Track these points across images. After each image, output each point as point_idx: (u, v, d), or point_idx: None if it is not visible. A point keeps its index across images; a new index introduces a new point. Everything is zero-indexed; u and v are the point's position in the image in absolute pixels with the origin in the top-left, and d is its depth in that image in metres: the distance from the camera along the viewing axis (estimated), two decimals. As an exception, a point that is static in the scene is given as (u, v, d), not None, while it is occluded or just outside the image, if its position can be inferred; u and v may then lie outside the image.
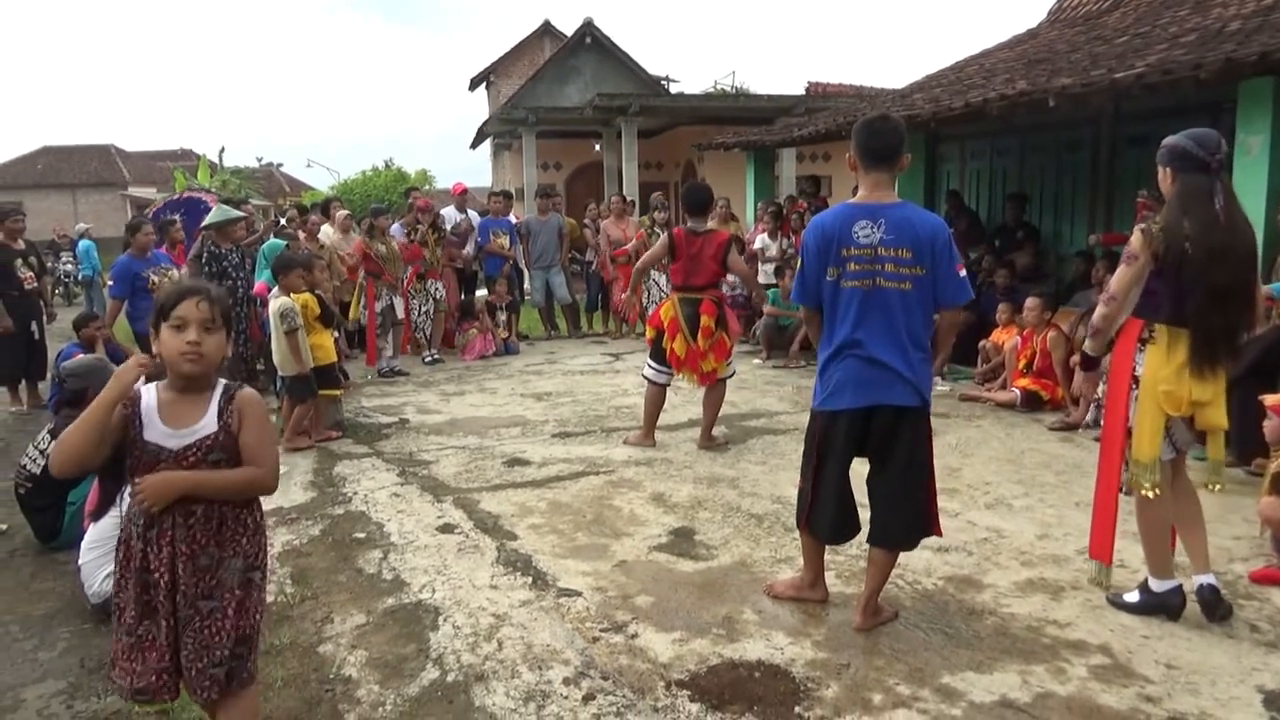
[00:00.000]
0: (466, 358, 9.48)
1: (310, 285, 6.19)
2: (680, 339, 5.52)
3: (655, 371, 5.73)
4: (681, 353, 5.54)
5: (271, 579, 3.80)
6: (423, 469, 5.43)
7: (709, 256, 5.49)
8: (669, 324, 5.57)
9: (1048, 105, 6.28)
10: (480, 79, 26.02)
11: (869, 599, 3.24)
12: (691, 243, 5.55)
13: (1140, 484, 3.21)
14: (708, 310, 5.49)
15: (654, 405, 5.77)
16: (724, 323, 5.59)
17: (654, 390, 5.76)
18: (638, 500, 4.72)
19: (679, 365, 5.61)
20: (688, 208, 5.71)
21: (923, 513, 3.17)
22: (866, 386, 3.11)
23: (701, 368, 5.57)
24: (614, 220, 10.92)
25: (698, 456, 5.54)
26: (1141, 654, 3.07)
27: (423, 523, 4.46)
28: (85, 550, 3.50)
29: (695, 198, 5.69)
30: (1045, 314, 6.58)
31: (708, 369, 5.58)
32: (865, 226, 3.06)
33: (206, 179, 17.89)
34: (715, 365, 5.57)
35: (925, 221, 3.05)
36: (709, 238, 5.54)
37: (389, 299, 8.59)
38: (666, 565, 3.85)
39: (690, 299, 5.53)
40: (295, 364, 5.88)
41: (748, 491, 4.82)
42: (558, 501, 4.73)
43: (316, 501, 4.86)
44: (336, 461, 5.66)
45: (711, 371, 5.60)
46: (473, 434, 6.29)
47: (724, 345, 5.57)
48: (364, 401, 7.46)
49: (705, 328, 5.47)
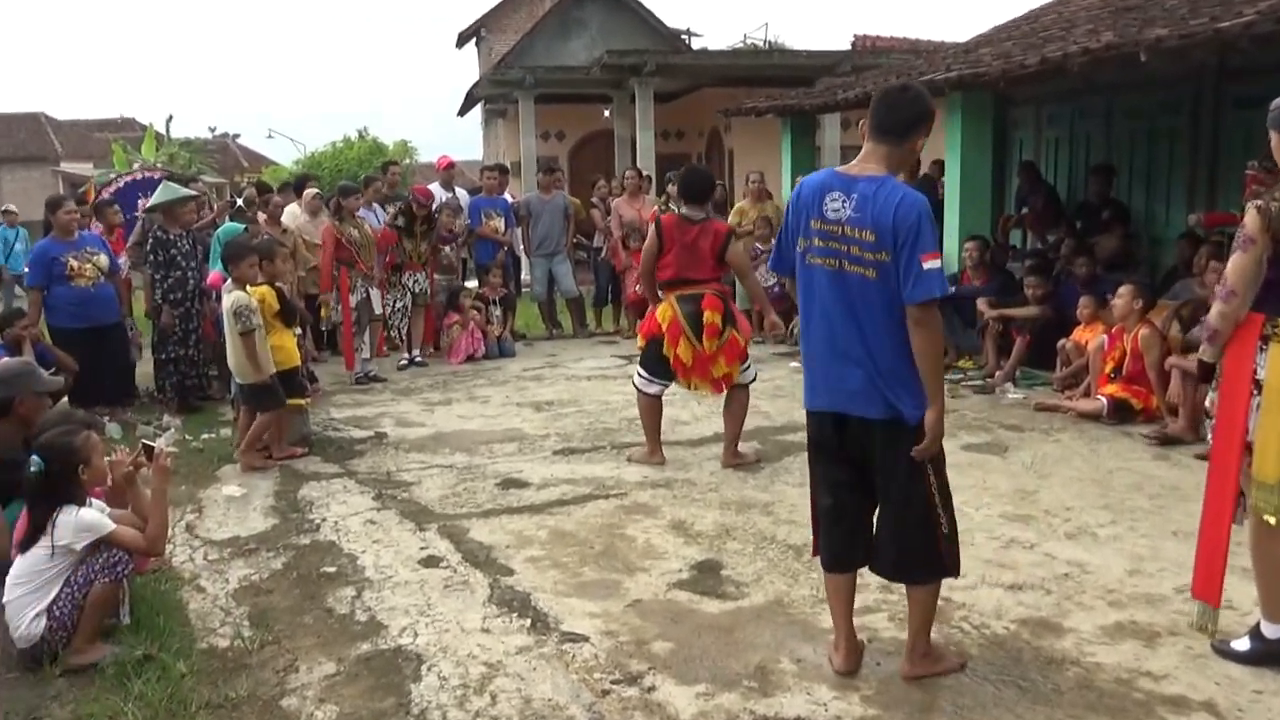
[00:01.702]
0: (452, 360, 9.51)
1: (269, 277, 6.23)
2: (684, 343, 5.51)
3: (645, 380, 5.75)
4: (687, 359, 5.53)
5: (227, 620, 3.83)
6: (402, 491, 5.45)
7: (705, 248, 5.51)
8: (668, 328, 5.56)
9: (1139, 61, 6.24)
10: (469, 34, 26.14)
11: (913, 641, 3.22)
12: (684, 231, 5.55)
13: (1263, 510, 3.15)
14: (711, 306, 5.48)
15: (651, 417, 5.80)
16: (731, 319, 5.57)
17: (646, 401, 5.79)
18: (654, 529, 4.72)
19: (686, 374, 5.61)
20: (685, 193, 5.74)
21: (927, 551, 3.11)
22: (831, 388, 3.14)
23: (712, 373, 5.57)
24: (627, 199, 10.94)
25: (725, 477, 5.53)
26: (1253, 712, 3.04)
27: (402, 555, 4.47)
28: (10, 586, 3.53)
29: (694, 183, 5.71)
30: (1137, 308, 6.53)
31: (720, 374, 5.57)
32: (837, 200, 3.02)
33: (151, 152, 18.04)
34: (729, 369, 5.56)
35: (891, 199, 2.93)
36: (705, 227, 5.55)
37: (364, 291, 8.62)
38: (688, 605, 3.85)
39: (689, 295, 5.53)
40: (253, 369, 5.91)
41: (784, 518, 4.80)
42: (560, 530, 4.73)
43: (278, 530, 4.89)
44: (302, 483, 5.69)
45: (725, 377, 5.60)
46: (461, 450, 6.30)
47: (735, 345, 5.56)
48: (334, 412, 7.49)
49: (710, 326, 5.47)
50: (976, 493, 5.11)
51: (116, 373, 7.50)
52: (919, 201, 2.94)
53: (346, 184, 9.41)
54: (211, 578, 4.29)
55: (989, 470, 5.52)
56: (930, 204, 3.02)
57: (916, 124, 3.05)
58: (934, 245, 2.89)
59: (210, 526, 4.98)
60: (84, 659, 3.46)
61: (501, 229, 10.49)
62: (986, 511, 4.82)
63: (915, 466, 3.04)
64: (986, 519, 4.71)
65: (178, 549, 4.63)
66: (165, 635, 3.64)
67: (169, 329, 7.47)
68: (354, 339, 8.59)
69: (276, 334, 6.18)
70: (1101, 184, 9.00)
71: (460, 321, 9.66)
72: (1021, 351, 7.72)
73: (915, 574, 3.17)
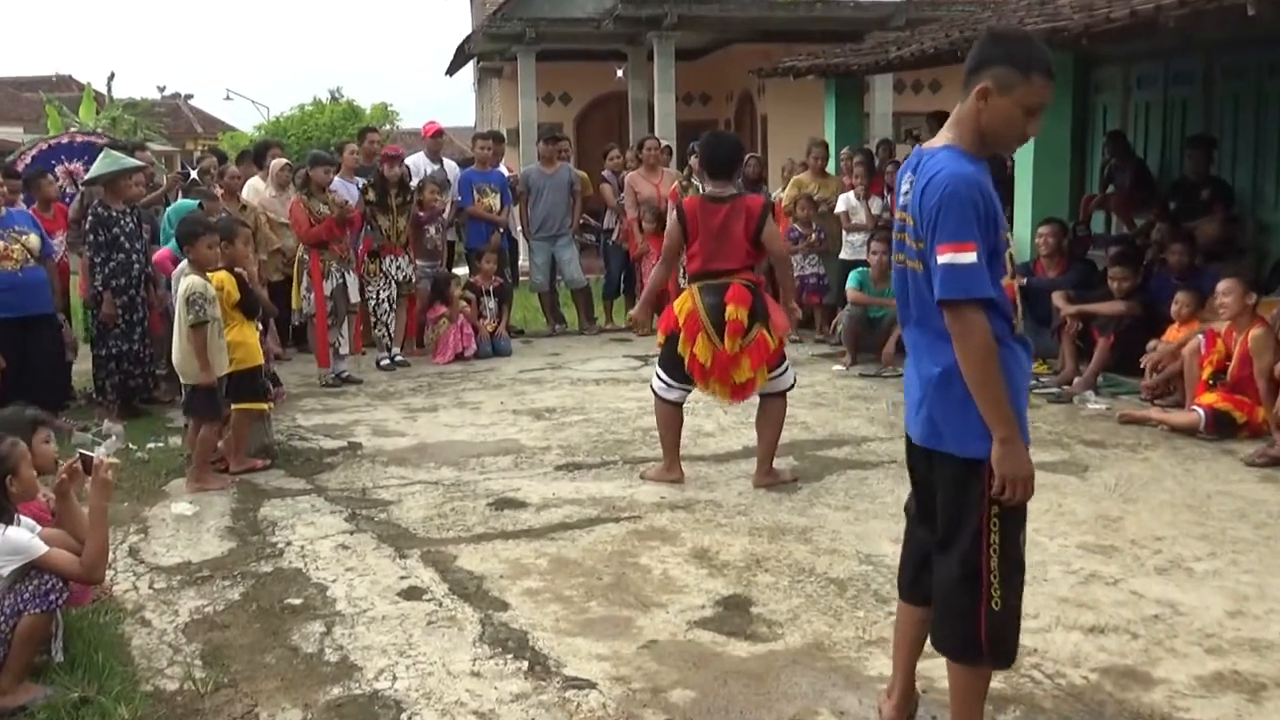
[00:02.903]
0: (439, 360, 9.54)
1: (229, 261, 6.26)
2: (702, 340, 5.48)
3: (664, 384, 5.73)
4: (705, 359, 5.49)
5: (176, 659, 3.85)
6: (380, 512, 5.47)
7: (738, 232, 5.46)
8: (685, 321, 5.53)
9: (1245, 14, 6.21)
10: (460, -20, 26.20)
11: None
12: (711, 214, 5.51)
13: None
14: (737, 298, 5.44)
15: (670, 428, 5.79)
16: (762, 315, 5.52)
17: (665, 410, 5.77)
18: (673, 558, 4.72)
19: (703, 376, 5.57)
20: (708, 165, 5.69)
21: (965, 625, 2.90)
22: (906, 399, 3.11)
23: (733, 378, 5.51)
24: (644, 172, 10.96)
25: (756, 498, 5.53)
26: (1377, 780, 3.02)
27: (380, 585, 4.48)
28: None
29: (718, 152, 5.67)
30: (1245, 303, 6.48)
31: (742, 379, 5.51)
32: (907, 181, 2.96)
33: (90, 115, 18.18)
34: (753, 374, 5.52)
35: (928, 172, 2.84)
36: (736, 206, 5.50)
37: (340, 277, 8.64)
38: (712, 647, 3.85)
39: (713, 286, 5.50)
40: (199, 369, 5.91)
41: (824, 547, 4.80)
42: (563, 558, 4.74)
43: (236, 555, 4.91)
44: (263, 500, 5.71)
45: (748, 383, 5.54)
46: (448, 464, 6.32)
47: (764, 346, 5.49)
48: (301, 419, 7.53)
49: (734, 323, 5.41)
50: (1051, 519, 5.09)
51: (49, 371, 7.54)
52: (953, 177, 2.76)
53: (318, 153, 9.45)
54: (158, 609, 4.31)
55: (1066, 493, 5.50)
56: (997, 183, 2.93)
57: (986, 63, 2.82)
58: (958, 234, 2.72)
59: (157, 550, 5.01)
60: (11, 702, 3.48)
61: (496, 207, 10.52)
62: (1063, 541, 4.80)
63: (966, 515, 2.87)
64: (1063, 550, 4.70)
65: (119, 576, 4.65)
66: (104, 676, 3.65)
67: (110, 320, 7.52)
68: (328, 333, 8.62)
69: (236, 327, 6.20)
70: (1200, 158, 8.96)
71: (448, 315, 9.68)
72: (1104, 354, 7.69)
73: (946, 646, 3.00)
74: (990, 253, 2.78)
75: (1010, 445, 2.76)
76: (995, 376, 2.77)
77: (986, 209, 2.78)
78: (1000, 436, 2.76)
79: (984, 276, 2.75)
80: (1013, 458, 2.76)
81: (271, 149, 10.63)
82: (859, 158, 10.37)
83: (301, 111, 29.80)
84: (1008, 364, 2.81)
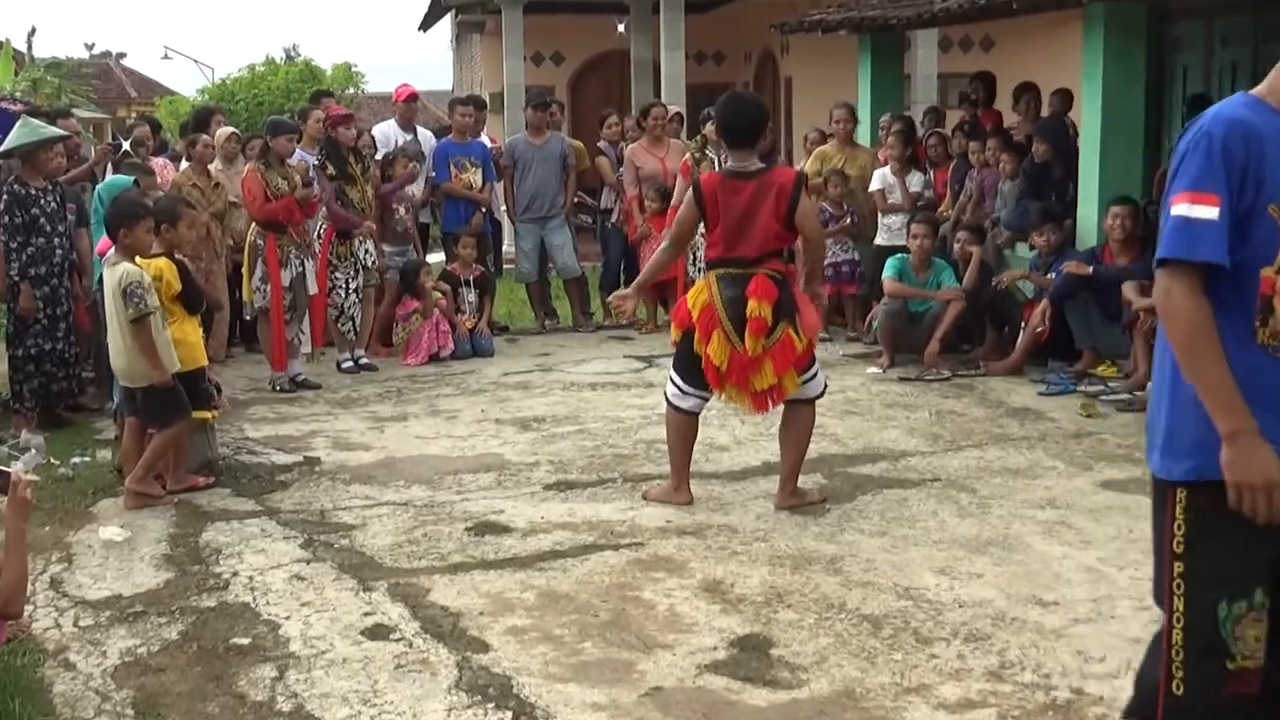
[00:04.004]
0: (410, 361, 9.56)
1: (168, 246, 6.26)
2: (718, 339, 5.46)
3: (679, 391, 5.73)
4: (720, 361, 5.47)
5: (104, 708, 3.85)
6: (341, 537, 5.47)
7: (765, 213, 5.45)
8: (700, 315, 5.52)
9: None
10: (436, -80, 26.23)
11: None
12: (734, 192, 5.50)
13: None
14: (760, 291, 5.41)
15: (681, 442, 5.78)
16: (789, 311, 5.49)
17: (679, 420, 5.77)
18: (680, 591, 4.72)
19: (718, 381, 5.56)
20: (726, 132, 5.70)
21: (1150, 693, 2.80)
22: None
23: (753, 385, 5.50)
24: (648, 144, 10.96)
25: (777, 522, 5.53)
26: None
27: (341, 623, 4.48)
28: None
29: (738, 117, 5.66)
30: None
31: (762, 386, 5.49)
32: None
33: (8, 77, 18.18)
34: (776, 379, 5.49)
35: None
36: (764, 182, 5.49)
37: (300, 265, 8.63)
38: (726, 695, 3.85)
39: (734, 275, 5.48)
40: (148, 368, 5.93)
41: (856, 579, 4.81)
42: (553, 591, 4.74)
43: (174, 587, 4.91)
44: (206, 524, 5.72)
45: (770, 390, 5.52)
46: (420, 483, 6.33)
47: (790, 349, 5.46)
48: (250, 430, 7.53)
49: (756, 320, 5.37)
50: (1121, 547, 5.10)
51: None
52: (1213, 117, 2.63)
53: (279, 119, 9.43)
54: (84, 650, 4.31)
55: (1137, 515, 5.49)
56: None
57: None
58: (1200, 182, 2.55)
59: (83, 581, 5.01)
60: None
61: (477, 184, 10.54)
62: (1134, 573, 4.80)
63: (1159, 558, 2.72)
64: (1134, 582, 4.69)
65: (40, 611, 4.65)
66: (22, 727, 3.66)
67: (29, 315, 7.52)
68: (286, 330, 8.60)
69: (176, 323, 6.21)
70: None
71: (421, 310, 9.69)
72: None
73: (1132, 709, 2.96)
74: (1243, 217, 2.57)
75: (1239, 442, 2.51)
76: (1208, 356, 2.55)
77: (1250, 163, 2.57)
78: (1225, 431, 2.53)
79: (1220, 239, 2.54)
80: (1245, 458, 2.50)
81: (215, 116, 10.63)
82: (897, 126, 10.35)
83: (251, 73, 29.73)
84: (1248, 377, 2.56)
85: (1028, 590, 4.61)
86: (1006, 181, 9.41)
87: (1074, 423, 7.21)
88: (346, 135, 9.25)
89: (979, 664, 3.97)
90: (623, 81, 17.95)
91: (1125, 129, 8.79)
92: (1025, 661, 4.01)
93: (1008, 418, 7.39)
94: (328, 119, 9.40)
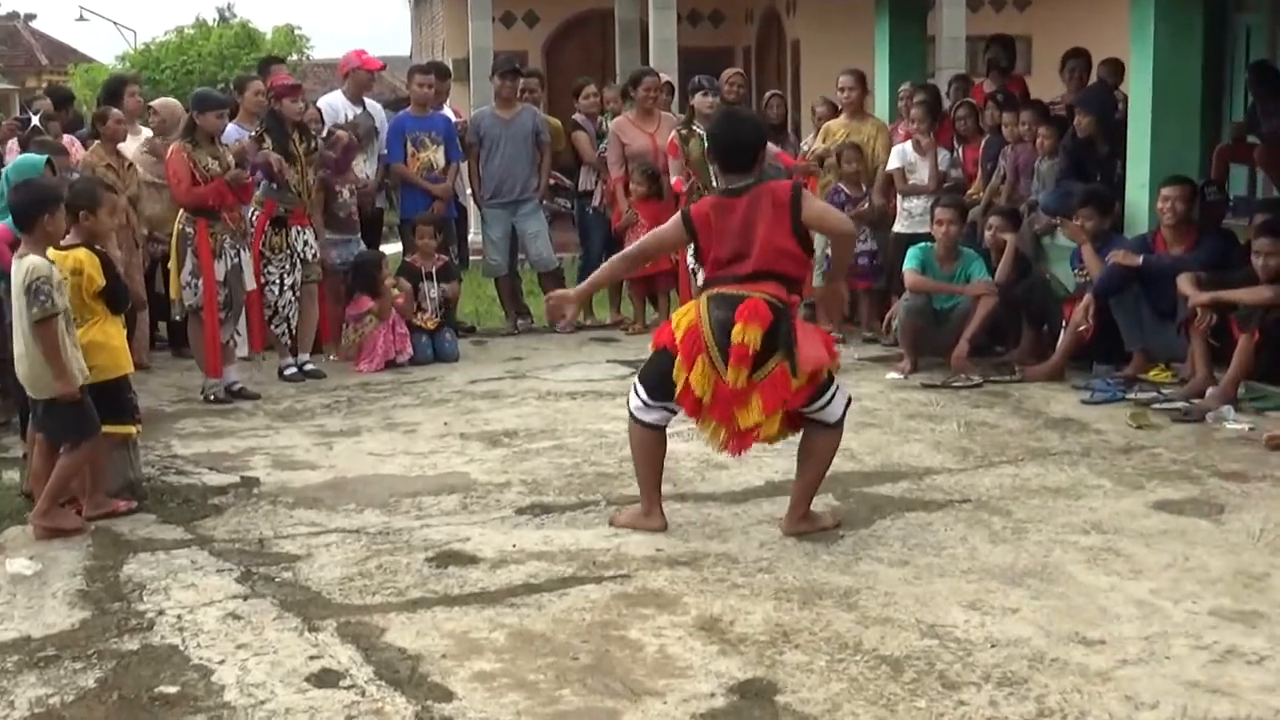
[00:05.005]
0: (363, 367, 9.56)
1: (88, 236, 6.24)
2: (702, 366, 5.45)
3: (643, 404, 5.74)
4: (703, 391, 5.45)
5: (9, 767, 3.83)
6: (283, 570, 5.46)
7: (764, 224, 5.48)
8: (684, 339, 5.51)
9: None
10: None
11: None
12: (727, 211, 5.55)
13: None
14: (750, 315, 5.37)
15: (651, 459, 5.80)
16: (785, 342, 5.44)
17: (644, 435, 5.78)
18: (673, 630, 4.71)
19: (696, 411, 5.58)
20: (719, 156, 5.80)
21: None
22: None
23: (737, 421, 5.49)
24: (635, 117, 10.98)
25: (783, 550, 5.53)
26: None
27: (283, 668, 4.46)
28: None
29: (732, 142, 5.71)
30: None
31: (747, 424, 5.48)
32: None
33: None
34: (765, 419, 5.46)
35: None
36: (758, 191, 5.54)
37: (236, 256, 8.61)
38: (725, 749, 3.84)
39: (727, 297, 5.48)
40: (54, 377, 5.91)
41: (874, 615, 4.81)
42: (527, 631, 4.73)
43: (91, 628, 4.88)
44: (128, 555, 5.69)
45: (753, 430, 5.50)
46: (373, 506, 6.31)
47: (783, 385, 5.41)
48: (178, 446, 7.52)
49: (739, 347, 5.34)
50: (1175, 577, 5.10)
51: None
52: None
53: (207, 92, 9.41)
54: (-13, 701, 4.31)
55: (1194, 541, 5.51)
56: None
57: None
58: None
59: (-15, 622, 5.00)
60: None
61: (439, 164, 10.54)
62: (1191, 606, 4.81)
63: None
64: (1190, 617, 4.70)
65: (-65, 656, 4.64)
66: (-85, 789, 3.66)
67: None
68: (221, 330, 8.57)
69: (98, 324, 6.19)
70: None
71: (376, 309, 9.68)
72: (1247, 357, 7.71)
73: None
74: None
75: None
76: None
77: None
78: None
79: None
80: None
81: (128, 86, 10.59)
82: (920, 96, 10.37)
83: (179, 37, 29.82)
84: None
85: (1070, 627, 4.61)
86: (1045, 160, 9.42)
87: (1123, 435, 7.22)
88: (293, 109, 9.25)
89: (1014, 711, 3.97)
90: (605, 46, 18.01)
91: (1179, 100, 8.79)
92: (1067, 709, 4.00)
93: (1047, 429, 7.41)
94: (271, 88, 9.40)
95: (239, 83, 10.33)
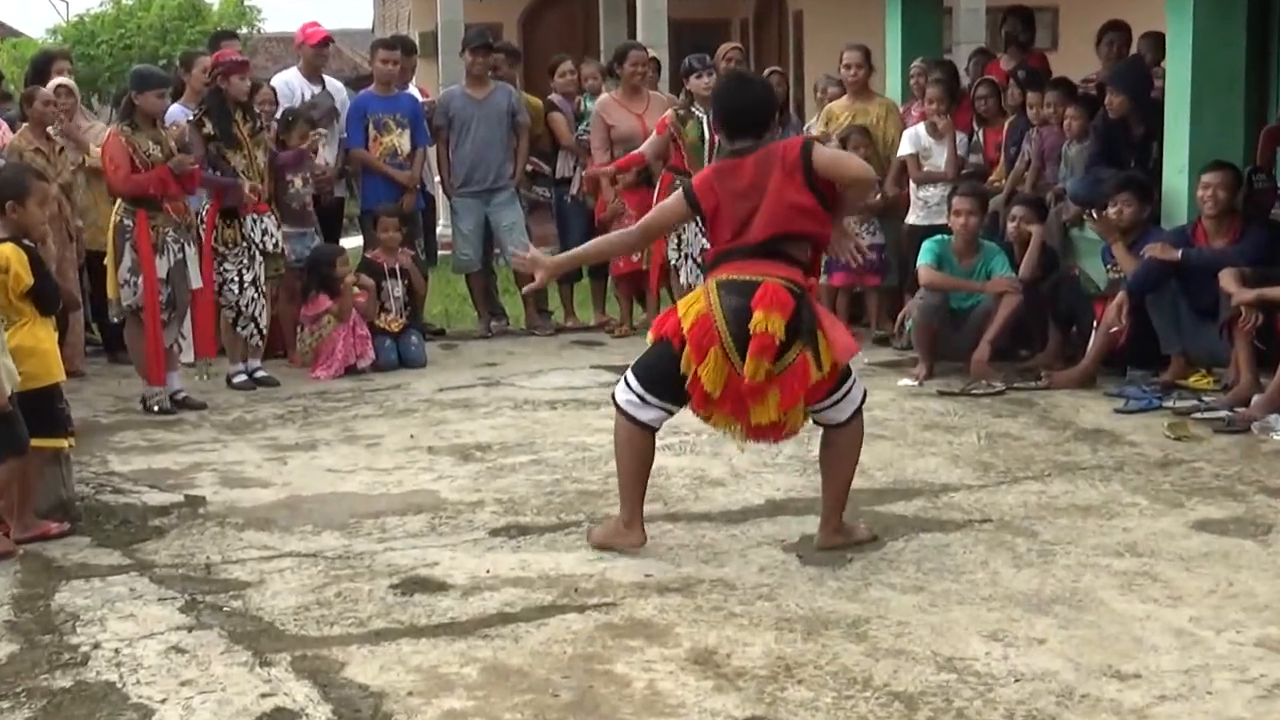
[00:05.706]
0: (320, 374, 9.56)
1: (17, 230, 6.23)
2: (716, 358, 5.46)
3: (637, 399, 5.73)
4: (713, 386, 5.46)
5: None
6: (232, 598, 5.45)
7: (775, 181, 5.50)
8: (694, 329, 5.51)
9: None
10: None
11: None
12: (733, 172, 5.60)
13: None
14: (769, 301, 5.38)
15: (637, 464, 5.79)
16: (809, 331, 5.46)
17: (633, 434, 5.77)
18: (663, 664, 4.70)
19: (706, 405, 5.58)
20: (724, 123, 5.82)
21: None
22: None
23: (751, 416, 5.52)
24: (622, 97, 11.00)
25: (784, 575, 5.53)
26: None
27: (232, 706, 4.45)
28: None
29: (738, 105, 5.76)
30: None
31: (764, 420, 5.51)
32: None
33: None
34: (783, 416, 5.50)
35: None
36: (769, 152, 5.58)
37: (180, 251, 8.58)
38: (721, 796, 3.84)
39: (738, 283, 5.48)
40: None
41: (885, 646, 4.80)
42: (502, 665, 4.72)
43: (20, 663, 4.87)
44: (60, 582, 5.68)
45: (775, 425, 5.54)
46: (332, 528, 6.31)
47: (804, 376, 5.43)
48: (116, 462, 7.51)
49: (761, 336, 5.35)
50: (1218, 604, 5.10)
51: None
52: None
53: (146, 70, 9.40)
54: (-99, 745, 4.29)
55: (1239, 564, 5.52)
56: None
57: None
58: None
59: (-100, 657, 4.98)
60: None
61: (404, 149, 10.55)
62: (1235, 636, 4.81)
63: None
64: (1234, 648, 4.70)
65: None
66: None
67: None
68: (164, 334, 8.56)
69: (26, 327, 6.18)
70: None
71: (334, 310, 9.68)
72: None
73: None
74: None
75: None
76: None
77: None
78: None
79: None
80: None
81: (57, 63, 10.58)
82: (936, 74, 10.37)
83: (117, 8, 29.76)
84: None
85: (1102, 659, 4.61)
86: (1073, 143, 9.42)
87: (1160, 447, 7.24)
88: (238, 87, 9.21)
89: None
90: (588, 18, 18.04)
91: (1221, 79, 8.78)
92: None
93: (1076, 442, 7.42)
94: (215, 65, 9.36)
95: (186, 60, 10.33)
